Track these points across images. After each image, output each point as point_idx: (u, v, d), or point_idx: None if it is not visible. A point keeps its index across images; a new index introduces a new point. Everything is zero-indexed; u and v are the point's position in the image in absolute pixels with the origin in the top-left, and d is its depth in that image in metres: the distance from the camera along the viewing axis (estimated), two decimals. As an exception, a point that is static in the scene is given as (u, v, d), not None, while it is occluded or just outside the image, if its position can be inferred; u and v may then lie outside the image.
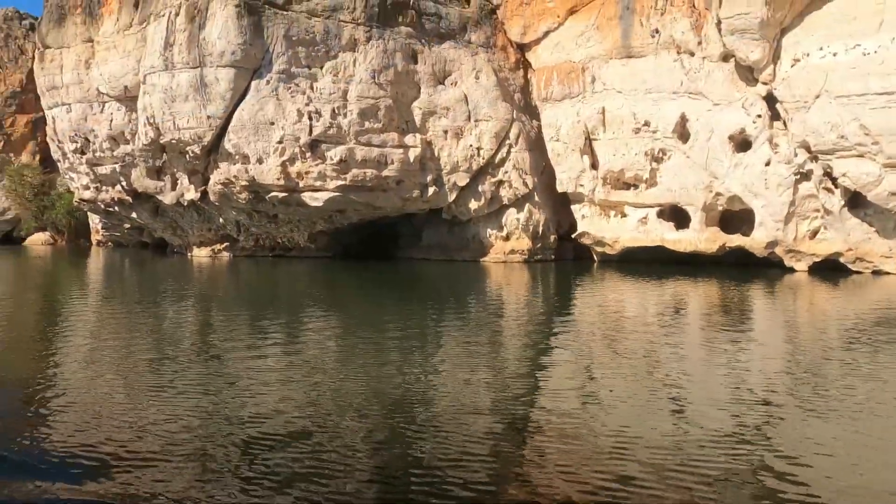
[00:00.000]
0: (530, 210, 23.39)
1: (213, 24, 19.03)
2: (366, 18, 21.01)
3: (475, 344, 8.78)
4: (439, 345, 8.68)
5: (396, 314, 11.49)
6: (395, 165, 20.89)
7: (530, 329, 10.47)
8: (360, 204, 21.15)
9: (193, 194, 23.49)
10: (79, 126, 23.97)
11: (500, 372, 7.11)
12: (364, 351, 8.08)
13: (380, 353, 7.99)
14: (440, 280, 19.75)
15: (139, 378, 6.76)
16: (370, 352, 8.02)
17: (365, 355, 7.77)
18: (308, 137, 19.72)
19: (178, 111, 19.97)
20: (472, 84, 22.77)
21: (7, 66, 49.61)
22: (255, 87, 19.58)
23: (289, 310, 12.55)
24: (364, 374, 6.79)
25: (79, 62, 23.38)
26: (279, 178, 19.85)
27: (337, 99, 20.22)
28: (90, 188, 26.20)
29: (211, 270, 22.23)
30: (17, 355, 8.15)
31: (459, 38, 23.23)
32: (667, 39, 20.70)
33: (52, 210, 46.40)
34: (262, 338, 9.02)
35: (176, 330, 10.13)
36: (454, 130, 22.27)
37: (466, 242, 24.80)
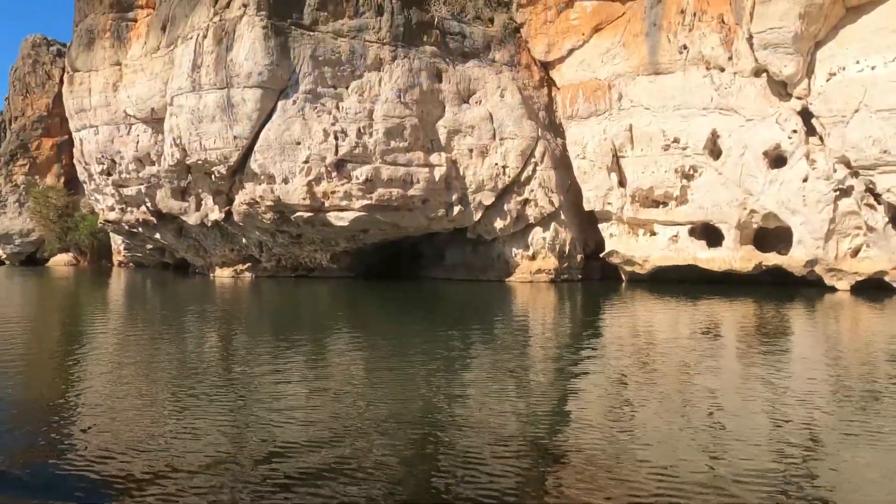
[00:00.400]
0: (556, 229, 22.98)
1: (240, 46, 19.08)
2: (391, 38, 20.98)
3: (502, 366, 8.46)
4: (466, 367, 8.43)
5: (422, 335, 11.22)
6: (421, 184, 20.65)
7: (559, 351, 10.07)
8: (386, 223, 20.90)
9: (218, 215, 23.42)
10: (105, 148, 24.12)
11: (529, 396, 6.86)
12: (390, 373, 7.90)
13: (406, 375, 7.80)
14: (465, 300, 19.34)
15: (163, 398, 6.69)
16: (396, 373, 7.84)
17: (391, 377, 7.62)
18: (334, 157, 19.57)
19: (204, 132, 19.97)
20: (496, 102, 22.58)
21: (35, 91, 50.67)
22: (281, 107, 19.53)
23: (314, 330, 12.35)
24: (390, 396, 6.67)
25: (107, 85, 23.60)
26: (305, 197, 19.69)
27: (363, 118, 20.11)
28: (115, 209, 26.29)
29: (234, 291, 22.05)
30: (41, 375, 8.12)
31: (483, 56, 23.13)
32: (696, 55, 20.39)
33: (75, 231, 46.92)
34: (287, 359, 8.86)
35: (201, 351, 9.97)
36: (479, 149, 22.04)
37: (491, 262, 24.41)
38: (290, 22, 19.66)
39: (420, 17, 21.79)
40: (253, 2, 19.11)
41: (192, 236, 26.67)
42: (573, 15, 23.13)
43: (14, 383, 7.63)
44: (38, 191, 48.13)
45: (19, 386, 7.56)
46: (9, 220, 49.46)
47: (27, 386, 7.59)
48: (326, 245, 24.72)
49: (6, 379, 7.74)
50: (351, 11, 20.57)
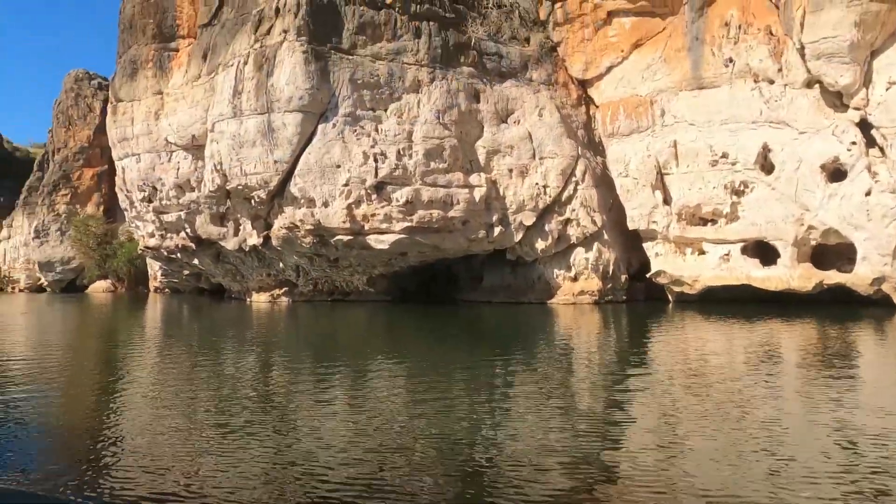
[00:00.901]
0: (599, 249, 22.29)
1: (280, 71, 19.12)
2: (429, 60, 20.84)
3: (548, 393, 8.06)
4: (510, 393, 8.11)
5: (465, 360, 10.85)
6: (461, 206, 20.25)
7: (606, 377, 9.52)
8: (426, 246, 20.50)
9: (256, 240, 23.33)
10: (147, 175, 24.37)
11: (575, 425, 6.53)
12: (432, 399, 7.65)
13: (449, 401, 7.55)
14: (506, 323, 18.71)
15: (203, 426, 6.57)
16: (438, 399, 7.59)
17: (433, 403, 7.39)
18: (374, 179, 19.34)
19: (245, 157, 19.96)
20: (535, 121, 22.20)
21: (77, 123, 52.22)
22: (321, 130, 19.44)
23: (355, 356, 12.09)
24: (433, 423, 6.47)
25: (149, 114, 23.93)
26: (345, 220, 19.44)
27: (402, 140, 19.89)
28: (155, 235, 26.47)
29: (271, 316, 21.80)
30: (82, 401, 8.06)
31: (521, 76, 22.84)
32: (742, 68, 19.77)
33: (113, 258, 47.71)
34: (328, 386, 8.67)
35: (241, 377, 9.75)
36: (519, 169, 21.61)
37: (532, 284, 23.77)
38: (329, 46, 19.67)
39: (457, 38, 21.66)
40: (293, 27, 19.18)
41: (230, 261, 26.66)
42: (611, 32, 22.76)
43: (55, 410, 7.54)
44: (78, 219, 49.22)
45: (60, 412, 7.46)
46: (51, 248, 50.59)
47: (68, 412, 7.49)
48: (363, 269, 24.41)
49: (47, 405, 7.70)
50: (389, 35, 20.52)
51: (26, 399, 7.87)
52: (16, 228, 52.20)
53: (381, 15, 20.53)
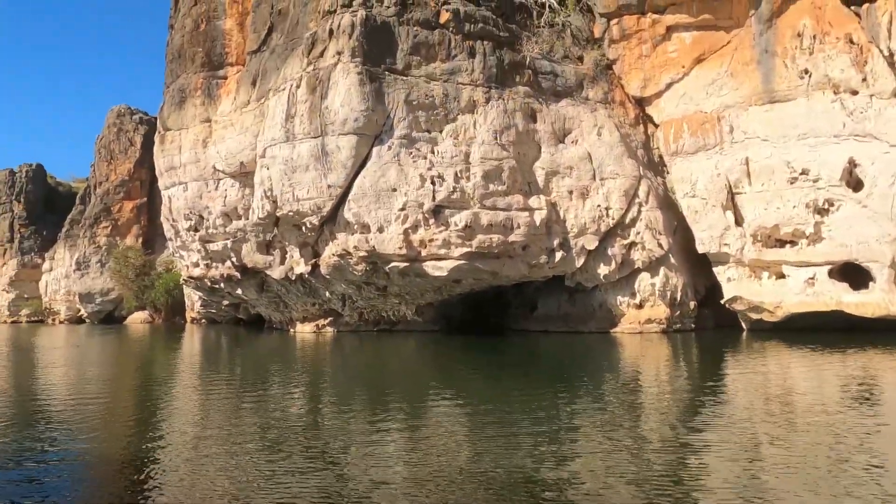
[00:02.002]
0: (666, 274, 20.79)
1: (335, 93, 18.38)
2: (484, 79, 19.97)
3: (616, 431, 7.42)
4: (575, 431, 7.49)
5: (526, 393, 10.12)
6: (522, 230, 19.05)
7: (682, 414, 8.57)
8: (484, 273, 19.28)
9: (303, 268, 22.40)
10: (194, 204, 23.77)
11: (647, 465, 6.00)
12: (494, 434, 7.19)
13: (512, 437, 7.07)
14: (567, 354, 17.31)
15: (247, 463, 6.26)
16: (501, 436, 7.13)
17: (495, 439, 6.97)
18: (431, 203, 18.29)
19: (297, 182, 19.15)
20: (594, 141, 21.06)
21: (118, 157, 52.85)
22: (376, 153, 18.55)
23: (407, 389, 11.47)
24: (496, 461, 6.08)
25: (196, 142, 23.45)
26: (401, 247, 18.36)
27: (459, 162, 18.89)
28: (200, 265, 25.77)
29: (317, 346, 20.69)
30: (124, 434, 7.81)
31: (577, 95, 21.82)
32: (820, 79, 18.43)
33: (151, 289, 47.51)
34: (382, 420, 8.20)
35: (289, 410, 9.28)
36: (579, 190, 20.40)
37: (592, 312, 22.29)
38: (383, 67, 18.93)
39: (511, 57, 20.79)
40: (347, 49, 18.51)
41: (274, 291, 25.76)
42: (671, 47, 21.68)
43: (96, 443, 7.35)
44: (118, 251, 49.33)
45: (101, 445, 7.26)
46: (91, 280, 50.67)
47: (110, 445, 7.27)
48: (412, 297, 23.26)
49: (88, 438, 7.54)
50: (443, 55, 19.74)
51: (70, 431, 7.79)
52: (58, 261, 52.55)
53: (435, 35, 19.79)
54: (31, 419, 8.91)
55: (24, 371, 16.17)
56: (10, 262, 56.90)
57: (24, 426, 8.37)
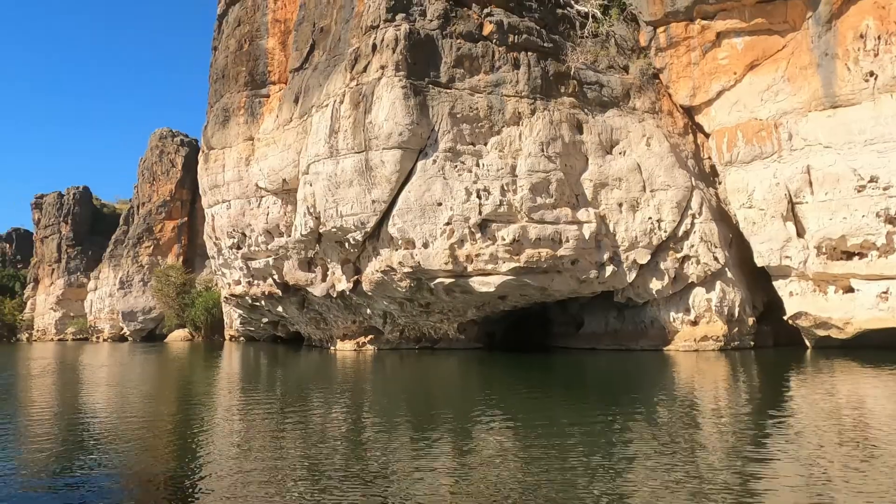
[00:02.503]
0: (723, 289, 19.73)
1: (379, 107, 18.11)
2: (528, 91, 19.47)
3: (673, 455, 6.87)
4: (629, 454, 7.02)
5: (578, 415, 9.62)
6: (570, 243, 18.33)
7: (745, 439, 7.79)
8: (532, 288, 18.57)
9: (345, 285, 22.05)
10: (237, 221, 23.75)
11: (707, 496, 5.43)
12: (543, 458, 6.78)
13: (562, 461, 6.66)
14: (618, 373, 16.43)
15: (292, 479, 6.15)
16: (550, 459, 6.73)
17: (544, 463, 6.58)
18: (478, 217, 17.75)
19: (341, 198, 18.86)
20: (643, 152, 20.29)
21: (160, 178, 54.09)
22: (420, 167, 18.16)
23: (455, 409, 10.92)
24: (546, 486, 5.73)
25: (240, 160, 23.51)
26: (447, 262, 17.82)
27: (505, 175, 18.35)
28: (241, 283, 25.70)
29: (359, 365, 20.18)
30: (167, 452, 7.76)
31: (623, 105, 21.13)
32: (887, 82, 17.34)
33: (191, 308, 48.07)
34: (427, 440, 7.88)
35: (334, 431, 8.88)
36: (629, 202, 19.60)
37: (643, 329, 21.32)
38: (427, 81, 18.61)
39: (556, 68, 20.27)
40: (391, 63, 18.27)
41: (315, 308, 25.49)
42: (721, 54, 20.84)
43: (142, 462, 7.28)
44: (160, 270, 50.20)
45: (146, 463, 7.21)
46: (133, 299, 51.59)
47: (154, 463, 7.23)
48: (454, 314, 22.66)
49: (135, 456, 7.49)
50: (487, 67, 19.34)
51: (117, 450, 7.79)
52: (102, 280, 53.72)
53: (478, 47, 19.43)
54: (78, 437, 8.85)
55: (71, 390, 16.08)
56: (58, 282, 58.49)
57: (72, 444, 8.31)
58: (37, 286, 61.43)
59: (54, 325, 58.24)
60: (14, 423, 10.54)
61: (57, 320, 58.10)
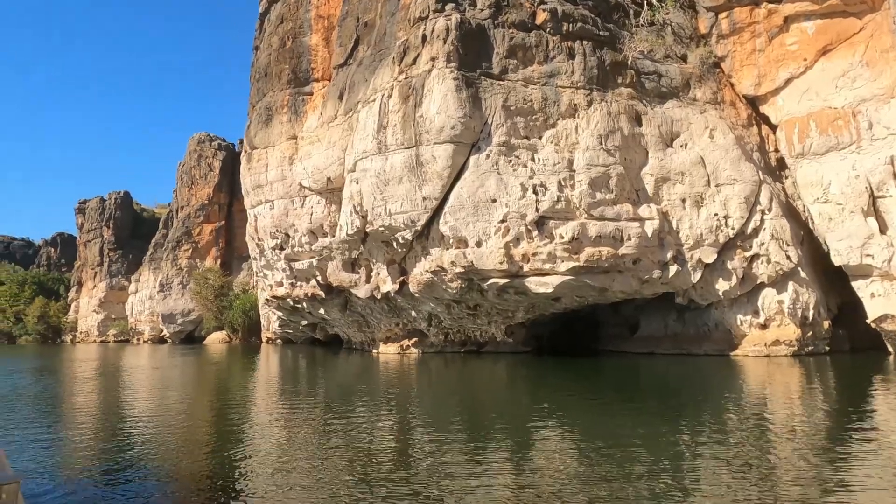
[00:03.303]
0: (796, 290, 18.27)
1: (430, 101, 17.26)
2: (584, 81, 18.38)
3: (746, 469, 6.28)
4: (696, 467, 6.46)
5: (641, 425, 8.81)
6: (633, 241, 17.15)
7: (825, 454, 7.06)
8: (591, 289, 17.44)
9: (390, 286, 21.23)
10: (280, 222, 23.18)
11: None
12: (607, 474, 6.24)
13: (626, 474, 6.19)
14: (680, 380, 15.16)
15: (337, 488, 5.86)
16: (614, 474, 6.20)
17: (608, 478, 6.07)
18: (535, 214, 16.72)
19: (390, 195, 18.05)
20: (706, 144, 18.98)
21: (198, 182, 54.36)
22: (473, 162, 17.23)
23: (509, 416, 10.25)
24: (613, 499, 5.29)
25: (283, 159, 22.94)
26: (502, 261, 16.83)
27: (562, 169, 17.29)
28: (284, 284, 25.12)
29: (403, 368, 19.30)
30: (212, 454, 7.61)
31: (683, 95, 19.85)
32: (985, 63, 15.78)
33: (229, 310, 48.04)
34: (482, 449, 7.39)
35: (381, 436, 8.47)
36: (693, 198, 18.32)
37: (706, 332, 19.96)
38: (479, 72, 17.70)
39: (612, 57, 19.14)
40: (442, 54, 17.41)
41: (358, 310, 24.76)
42: (790, 40, 19.43)
43: (189, 463, 7.13)
44: (198, 273, 50.37)
45: (193, 466, 7.03)
46: (173, 301, 51.89)
47: (200, 465, 7.06)
48: (503, 317, 21.64)
49: (181, 457, 7.38)
50: (541, 57, 18.33)
51: (162, 449, 7.76)
52: (143, 283, 54.20)
53: (531, 37, 18.44)
54: (124, 437, 8.79)
55: (118, 393, 15.60)
56: (100, 285, 59.33)
57: (120, 444, 8.28)
58: (80, 289, 62.49)
59: (97, 326, 59.06)
60: (66, 423, 10.33)
61: (99, 322, 58.90)
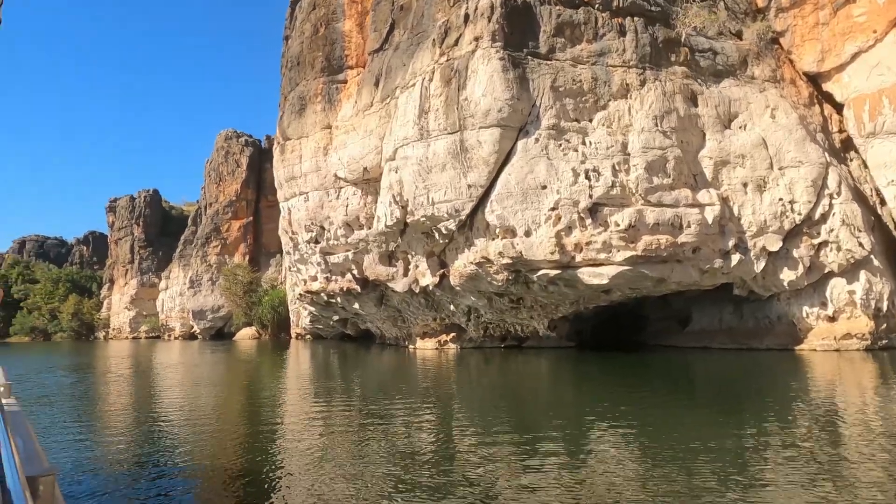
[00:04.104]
0: (869, 279, 16.90)
1: (475, 82, 16.27)
2: (637, 60, 17.20)
3: (818, 478, 5.50)
4: (766, 476, 5.68)
5: (702, 424, 8.20)
6: (693, 229, 15.97)
7: None
8: (649, 280, 16.31)
9: (429, 279, 20.33)
10: (315, 214, 22.42)
11: None
12: (673, 479, 5.58)
13: (691, 480, 5.52)
14: (743, 376, 13.91)
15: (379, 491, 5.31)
16: (679, 479, 5.56)
17: (673, 484, 5.41)
18: (588, 200, 15.64)
19: (433, 183, 17.12)
20: (767, 125, 17.66)
21: (226, 178, 54.14)
22: (522, 146, 16.19)
23: (559, 413, 9.41)
24: None
25: (317, 150, 22.16)
26: (553, 251, 15.78)
27: (616, 153, 16.16)
28: (318, 279, 24.40)
29: (442, 364, 18.34)
30: (250, 451, 7.21)
31: (740, 74, 18.54)
32: None
33: (258, 306, 47.76)
34: (534, 450, 6.77)
35: (427, 438, 7.78)
36: (755, 182, 17.05)
37: (768, 325, 18.68)
38: (525, 52, 16.65)
39: (665, 34, 17.91)
40: (487, 33, 16.39)
41: (394, 305, 23.93)
42: (857, 11, 17.98)
43: (226, 462, 6.79)
44: (228, 269, 50.18)
45: (230, 466, 6.63)
46: (203, 298, 51.81)
47: (238, 465, 6.64)
48: (546, 310, 20.61)
49: (220, 458, 7.02)
50: (590, 35, 17.20)
51: (199, 448, 7.49)
52: (173, 280, 54.25)
53: (579, 14, 17.31)
54: (163, 435, 8.49)
55: (157, 389, 14.99)
56: (131, 282, 59.64)
57: (159, 442, 7.94)
58: (112, 286, 62.96)
59: (128, 323, 59.42)
60: (109, 421, 9.92)
61: (131, 319, 59.25)
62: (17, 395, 4.33)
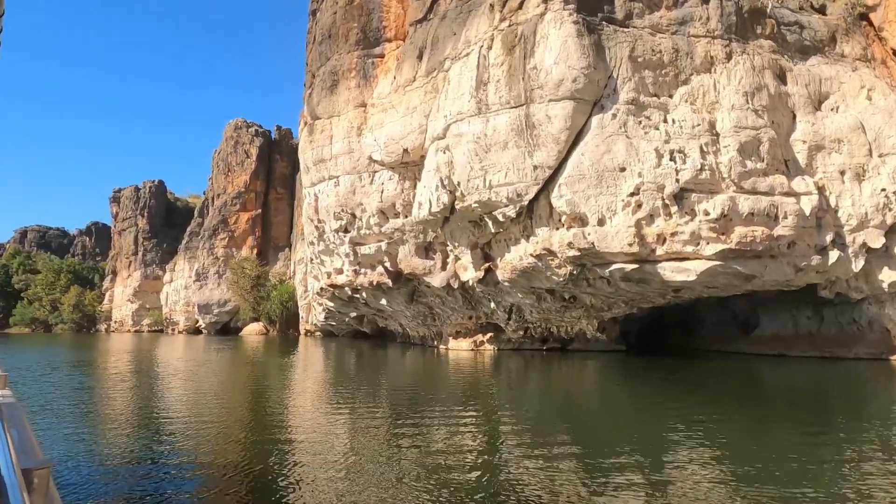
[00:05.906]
0: (980, 281, 14.80)
1: (545, 49, 14.09)
2: (722, 30, 15.07)
3: None
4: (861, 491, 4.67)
5: (796, 442, 7.04)
6: (789, 221, 13.82)
7: None
8: (738, 277, 14.15)
9: (472, 273, 18.14)
10: (346, 200, 20.18)
11: None
12: None
13: None
14: (838, 390, 11.92)
15: None
16: None
17: None
18: (674, 185, 13.47)
19: (491, 164, 14.92)
20: (864, 107, 15.55)
21: (235, 169, 51.76)
22: (597, 123, 14.02)
23: (631, 431, 7.98)
24: None
25: (350, 129, 19.94)
26: (631, 243, 13.60)
27: (703, 133, 14.01)
28: (345, 271, 22.16)
29: (480, 367, 16.07)
30: (277, 462, 6.19)
31: (829, 51, 16.43)
32: None
33: (267, 301, 45.51)
34: (610, 475, 5.50)
35: (472, 453, 6.56)
36: (854, 170, 14.92)
37: (857, 332, 16.55)
38: (600, 17, 14.49)
39: (751, 3, 15.79)
40: (558, -6, 14.20)
41: (425, 301, 21.74)
42: (963, -17, 15.92)
43: (244, 468, 5.89)
44: (235, 262, 47.90)
45: (248, 474, 5.72)
46: (209, 291, 49.46)
47: (267, 475, 5.63)
48: (597, 310, 18.47)
49: (247, 460, 6.21)
50: (669, 1, 15.04)
51: (225, 447, 6.75)
52: (178, 272, 51.87)
53: (658, -23, 15.16)
54: (190, 434, 7.67)
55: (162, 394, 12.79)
56: (135, 274, 57.21)
57: (170, 444, 7.13)
58: (115, 278, 60.57)
59: (131, 316, 57.07)
60: (108, 421, 8.60)
61: (134, 312, 56.89)
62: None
